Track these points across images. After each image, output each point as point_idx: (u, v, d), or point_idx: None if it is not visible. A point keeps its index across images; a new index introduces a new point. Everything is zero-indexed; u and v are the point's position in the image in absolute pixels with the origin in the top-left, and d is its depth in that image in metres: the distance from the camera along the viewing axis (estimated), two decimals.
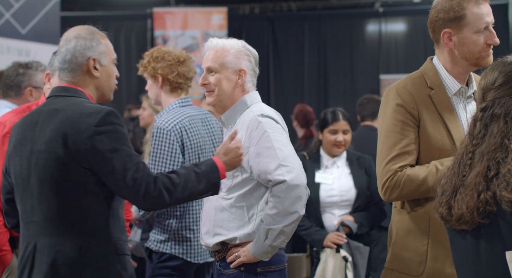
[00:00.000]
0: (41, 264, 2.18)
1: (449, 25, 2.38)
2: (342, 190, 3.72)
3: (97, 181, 2.17)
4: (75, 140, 2.14)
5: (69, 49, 2.29)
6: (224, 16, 9.58)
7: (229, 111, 2.64)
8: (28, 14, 6.58)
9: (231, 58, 2.62)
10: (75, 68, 2.29)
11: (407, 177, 2.33)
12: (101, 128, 2.15)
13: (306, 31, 9.99)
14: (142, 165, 2.19)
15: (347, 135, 3.76)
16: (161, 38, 9.46)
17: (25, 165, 2.23)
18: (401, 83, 2.45)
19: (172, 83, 3.24)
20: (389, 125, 2.40)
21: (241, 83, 2.63)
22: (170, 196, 2.19)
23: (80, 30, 2.33)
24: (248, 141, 2.52)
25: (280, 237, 2.45)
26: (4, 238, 2.73)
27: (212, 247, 2.61)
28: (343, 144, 3.75)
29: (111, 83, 2.38)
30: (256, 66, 2.70)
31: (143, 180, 2.15)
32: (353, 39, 9.94)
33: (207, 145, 3.25)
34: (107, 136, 2.15)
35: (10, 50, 6.39)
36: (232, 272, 2.56)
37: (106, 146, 2.14)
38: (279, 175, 2.43)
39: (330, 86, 9.89)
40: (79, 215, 2.18)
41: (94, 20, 8.76)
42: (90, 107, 2.22)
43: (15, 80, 3.38)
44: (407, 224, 2.42)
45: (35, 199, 2.21)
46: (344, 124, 3.76)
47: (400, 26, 10.04)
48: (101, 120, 2.16)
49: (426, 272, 2.35)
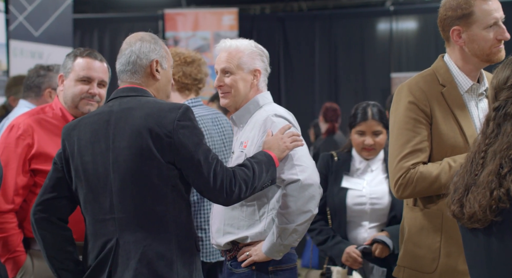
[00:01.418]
0: (128, 259, 2.18)
1: (458, 23, 2.38)
2: (373, 197, 3.15)
3: (180, 176, 2.20)
4: (159, 133, 2.17)
5: (134, 50, 2.33)
6: (235, 17, 9.59)
7: (240, 110, 2.65)
8: (41, 16, 6.63)
9: (246, 58, 2.63)
10: (139, 70, 2.33)
11: (420, 174, 2.33)
12: (183, 123, 2.20)
13: (317, 30, 9.98)
14: (221, 161, 2.24)
15: (379, 137, 3.19)
16: (173, 39, 9.49)
17: (101, 162, 2.23)
18: (413, 80, 2.45)
19: (178, 83, 3.26)
20: (401, 122, 2.40)
21: (256, 83, 2.65)
22: (247, 189, 2.25)
23: (143, 34, 2.38)
24: (261, 141, 2.52)
25: (293, 235, 2.46)
26: (18, 239, 2.76)
27: (223, 246, 2.62)
28: (374, 148, 3.19)
29: (168, 87, 2.43)
30: (268, 66, 2.72)
31: (225, 175, 2.20)
32: (364, 38, 9.92)
33: (218, 144, 3.26)
34: (189, 131, 2.20)
35: (23, 53, 6.44)
36: (243, 271, 2.57)
37: (190, 140, 2.19)
38: (293, 174, 2.44)
39: (341, 85, 9.86)
40: (164, 211, 2.20)
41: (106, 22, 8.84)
42: (166, 103, 2.26)
43: (35, 81, 3.46)
44: (419, 221, 2.42)
45: (116, 196, 2.21)
46: (374, 124, 3.18)
47: (411, 24, 10.00)
48: (182, 115, 2.21)
49: (439, 269, 2.36)
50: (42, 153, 2.75)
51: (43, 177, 2.70)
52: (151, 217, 2.19)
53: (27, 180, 2.75)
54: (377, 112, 3.20)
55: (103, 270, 2.22)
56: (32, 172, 2.76)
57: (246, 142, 2.58)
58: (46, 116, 2.84)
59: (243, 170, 2.27)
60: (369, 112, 3.20)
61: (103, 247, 2.23)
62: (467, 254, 1.87)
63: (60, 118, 2.84)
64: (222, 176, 2.19)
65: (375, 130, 3.19)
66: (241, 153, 2.57)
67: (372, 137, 3.18)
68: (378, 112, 3.20)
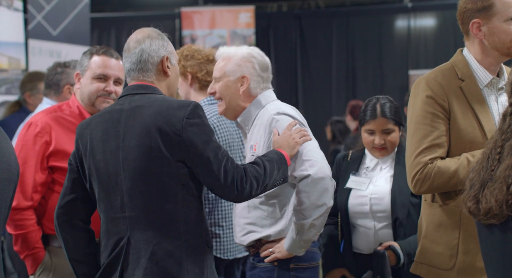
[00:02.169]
0: (138, 258, 2.19)
1: (478, 15, 2.34)
2: (374, 197, 2.89)
3: (190, 174, 2.20)
4: (168, 132, 2.17)
5: (144, 49, 2.32)
6: (252, 15, 9.59)
7: (244, 113, 2.67)
8: (59, 16, 6.69)
9: (232, 66, 2.65)
10: (151, 68, 2.33)
11: (438, 169, 2.30)
12: (192, 120, 2.19)
13: (334, 28, 9.94)
14: (231, 158, 2.23)
15: (390, 136, 2.90)
16: (189, 37, 9.51)
17: (112, 161, 2.24)
18: (431, 74, 2.42)
19: (201, 81, 3.26)
20: (419, 117, 2.37)
21: (243, 90, 2.65)
22: (258, 186, 2.25)
23: (149, 31, 2.37)
24: (268, 141, 2.54)
25: (312, 230, 2.47)
26: (37, 235, 2.78)
27: (247, 244, 2.65)
28: (385, 147, 2.91)
29: (177, 83, 2.44)
30: (264, 72, 2.70)
31: (235, 172, 2.19)
32: (382, 35, 9.86)
33: (236, 142, 3.26)
34: (198, 128, 2.19)
35: (41, 52, 6.50)
36: (265, 266, 2.60)
37: (199, 137, 2.18)
38: (303, 170, 2.45)
39: (358, 83, 9.82)
40: (174, 209, 2.19)
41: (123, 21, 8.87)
42: (175, 101, 2.25)
43: (53, 79, 3.51)
44: (438, 217, 2.40)
45: (126, 195, 2.22)
46: (384, 122, 2.88)
47: (429, 21, 9.93)
48: (191, 112, 2.19)
49: (457, 266, 2.34)
50: (60, 151, 2.77)
51: (61, 174, 2.73)
52: (161, 215, 2.19)
53: (45, 177, 2.77)
54: (388, 108, 2.90)
55: (115, 268, 2.22)
56: (50, 169, 2.79)
57: (256, 145, 2.60)
58: (63, 114, 2.86)
59: (254, 168, 2.26)
60: (378, 109, 2.90)
61: (116, 246, 2.23)
62: (483, 250, 1.85)
63: (77, 115, 2.86)
64: (232, 173, 2.18)
65: (385, 129, 2.89)
66: (252, 156, 2.59)
67: (382, 136, 2.90)
68: (389, 108, 2.90)
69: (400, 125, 2.93)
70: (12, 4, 6.06)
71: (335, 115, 8.15)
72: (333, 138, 7.34)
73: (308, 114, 8.70)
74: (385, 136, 2.91)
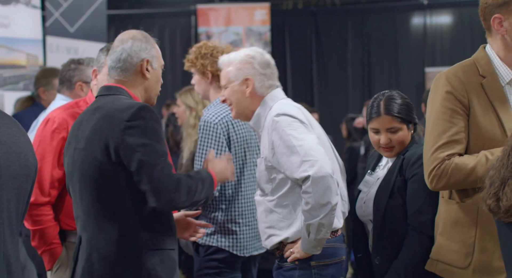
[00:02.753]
0: (82, 258, 2.27)
1: (499, 11, 2.30)
2: (367, 200, 2.73)
3: (128, 176, 2.20)
4: (108, 135, 2.20)
5: (125, 48, 2.35)
6: (267, 12, 9.57)
7: (254, 116, 2.72)
8: (76, 13, 6.73)
9: (233, 71, 2.71)
10: (128, 67, 2.35)
11: (455, 166, 2.28)
12: (132, 123, 2.19)
13: (350, 25, 9.90)
14: (168, 164, 2.21)
15: (395, 135, 2.66)
16: (205, 34, 9.53)
17: (70, 163, 2.32)
18: (451, 70, 2.39)
19: (219, 79, 3.28)
20: (438, 112, 2.35)
21: (249, 91, 2.70)
22: (187, 200, 2.23)
23: (135, 33, 2.41)
24: (271, 144, 2.58)
25: (321, 229, 2.49)
26: (54, 231, 2.80)
27: (271, 247, 2.70)
28: (392, 146, 2.68)
29: (157, 87, 2.44)
30: (265, 69, 2.72)
31: (168, 179, 2.17)
32: (398, 32, 9.80)
33: (253, 139, 3.27)
34: (138, 131, 2.19)
35: (59, 48, 6.55)
36: (287, 265, 2.63)
37: (136, 140, 2.18)
38: (303, 172, 2.46)
39: (374, 80, 9.78)
40: (113, 210, 2.23)
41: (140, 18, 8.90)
42: (125, 103, 2.26)
43: (66, 75, 3.53)
44: (454, 214, 2.38)
45: (78, 196, 2.30)
46: (388, 120, 2.66)
47: (445, 18, 9.85)
48: (133, 115, 2.20)
49: (472, 265, 2.31)
50: None
51: None
52: (100, 218, 2.24)
53: (62, 173, 2.79)
54: (394, 105, 2.66)
55: (74, 265, 2.33)
56: None
57: (264, 148, 2.66)
58: (80, 110, 2.88)
59: (188, 181, 2.26)
60: (382, 106, 2.66)
61: (75, 245, 2.34)
62: (503, 249, 1.83)
63: None
64: (164, 180, 2.17)
65: (389, 127, 2.66)
66: (261, 159, 2.66)
67: (387, 134, 2.66)
68: (396, 105, 2.66)
69: (409, 123, 2.68)
70: (30, 1, 6.11)
71: (350, 113, 8.12)
72: (349, 136, 7.32)
73: (323, 112, 8.68)
74: (391, 135, 2.66)
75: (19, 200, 1.91)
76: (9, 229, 1.87)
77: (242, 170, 3.19)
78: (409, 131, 2.69)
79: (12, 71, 5.93)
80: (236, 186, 3.14)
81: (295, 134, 2.52)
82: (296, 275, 2.61)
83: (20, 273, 1.94)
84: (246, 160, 3.21)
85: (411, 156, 2.61)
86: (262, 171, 2.65)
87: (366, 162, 3.06)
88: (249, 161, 3.23)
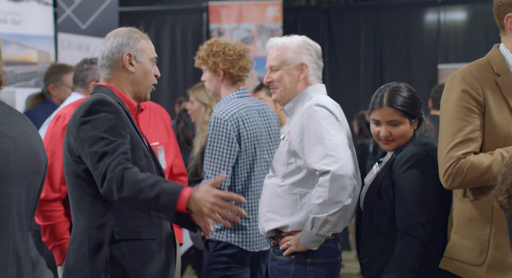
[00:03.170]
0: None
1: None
2: (363, 195, 2.67)
3: (87, 169, 2.25)
4: (71, 133, 2.28)
5: (107, 46, 2.42)
6: (279, 9, 9.55)
7: (292, 101, 2.74)
8: (88, 9, 6.75)
9: (291, 54, 2.72)
10: (112, 64, 2.41)
11: (471, 164, 2.27)
12: (86, 118, 2.25)
13: (362, 22, 9.85)
14: (119, 155, 2.18)
15: (397, 128, 2.56)
16: (217, 31, 9.52)
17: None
18: (466, 69, 2.39)
19: (233, 76, 3.29)
20: (453, 111, 2.35)
21: (303, 76, 2.72)
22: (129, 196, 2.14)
23: (120, 29, 2.47)
24: (301, 129, 2.58)
25: (326, 225, 2.50)
26: (64, 227, 2.82)
27: (267, 233, 2.69)
28: (392, 139, 2.58)
29: (147, 80, 2.45)
30: (319, 59, 2.77)
31: (115, 169, 2.15)
32: (411, 28, 9.74)
33: (264, 135, 3.27)
34: (90, 125, 2.24)
35: (70, 45, 6.57)
36: (283, 258, 2.64)
37: (87, 133, 2.23)
38: (325, 165, 2.47)
39: (386, 77, 9.72)
40: (82, 203, 2.29)
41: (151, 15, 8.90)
42: (88, 100, 2.32)
43: (80, 75, 3.55)
44: (469, 212, 2.37)
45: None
46: (390, 112, 2.55)
47: (459, 15, 9.78)
48: (87, 110, 2.26)
49: (487, 262, 2.31)
50: None
51: None
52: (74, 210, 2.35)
53: None
54: (398, 98, 2.56)
55: None
56: None
57: (291, 131, 2.66)
58: None
59: (138, 176, 2.14)
60: (385, 97, 2.56)
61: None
62: None
63: None
64: (112, 170, 2.15)
65: (390, 120, 2.55)
66: (286, 141, 2.65)
67: (388, 127, 2.56)
68: (400, 98, 2.56)
69: (412, 118, 2.57)
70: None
71: (362, 110, 8.09)
72: (360, 132, 7.30)
73: None
74: (391, 128, 2.56)
75: (28, 196, 1.92)
76: (19, 225, 1.88)
77: (252, 167, 3.19)
78: (412, 127, 2.58)
79: (23, 68, 5.96)
80: (246, 182, 3.14)
81: (329, 128, 2.55)
82: (291, 269, 2.63)
83: (30, 269, 1.94)
84: (256, 157, 3.21)
85: (401, 157, 2.51)
86: (282, 153, 2.66)
87: (374, 159, 3.07)
88: (259, 157, 3.22)
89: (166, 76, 9.45)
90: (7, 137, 1.86)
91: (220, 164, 3.10)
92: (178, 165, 3.15)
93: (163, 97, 9.21)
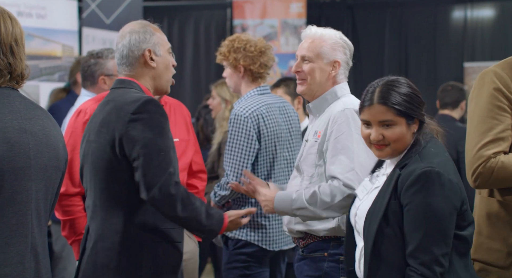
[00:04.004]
0: (89, 247, 2.31)
1: None
2: (358, 213, 2.20)
3: (132, 169, 2.22)
4: (115, 128, 2.23)
5: (125, 44, 2.39)
6: (303, 5, 9.50)
7: (318, 100, 2.65)
8: (112, 4, 6.76)
9: (327, 48, 2.64)
10: (133, 62, 2.39)
11: (502, 164, 2.22)
12: (137, 116, 2.21)
13: (388, 18, 9.75)
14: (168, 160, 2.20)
15: (391, 130, 2.09)
16: (240, 27, 9.50)
17: (82, 154, 2.37)
18: (498, 67, 2.35)
19: (254, 73, 3.27)
20: (483, 109, 2.30)
21: (334, 74, 2.65)
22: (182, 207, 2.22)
23: (133, 25, 2.44)
24: (330, 133, 2.52)
25: (304, 214, 2.46)
26: (84, 222, 2.82)
27: (295, 234, 2.65)
28: (385, 144, 2.12)
29: (168, 73, 2.45)
30: (350, 59, 2.71)
31: (162, 174, 2.18)
32: (437, 26, 9.62)
33: (284, 133, 3.24)
34: (142, 124, 2.21)
35: (95, 40, 6.59)
36: (317, 255, 2.59)
37: (139, 133, 2.20)
38: (350, 181, 2.42)
39: (411, 75, 9.61)
40: (118, 202, 2.26)
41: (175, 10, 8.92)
42: (133, 96, 2.28)
43: (88, 71, 3.52)
44: (495, 213, 2.32)
45: (88, 186, 2.34)
46: (381, 111, 2.09)
47: (487, 12, 9.62)
48: (138, 108, 2.22)
49: None
50: None
51: None
52: (105, 209, 2.28)
53: None
54: (393, 93, 2.10)
55: (81, 255, 2.36)
56: None
57: (320, 133, 2.58)
58: None
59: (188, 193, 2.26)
60: (377, 93, 2.11)
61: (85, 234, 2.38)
62: None
63: None
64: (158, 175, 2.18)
65: (382, 120, 2.10)
66: (315, 142, 2.58)
67: (379, 129, 2.11)
68: (395, 94, 2.10)
69: (410, 118, 2.11)
70: None
71: None
72: None
73: None
74: (384, 130, 2.10)
75: (47, 191, 1.92)
76: (37, 220, 1.89)
77: (272, 164, 3.16)
78: (410, 129, 2.12)
79: (48, 62, 6.00)
80: (266, 180, 3.12)
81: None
82: (324, 266, 2.59)
83: (47, 263, 1.95)
84: (277, 154, 3.18)
85: (408, 176, 2.02)
86: (311, 154, 2.59)
87: None
88: (279, 155, 3.19)
89: (189, 71, 9.44)
90: (28, 132, 1.86)
91: (239, 161, 3.08)
92: (197, 162, 3.14)
93: (186, 93, 9.21)
